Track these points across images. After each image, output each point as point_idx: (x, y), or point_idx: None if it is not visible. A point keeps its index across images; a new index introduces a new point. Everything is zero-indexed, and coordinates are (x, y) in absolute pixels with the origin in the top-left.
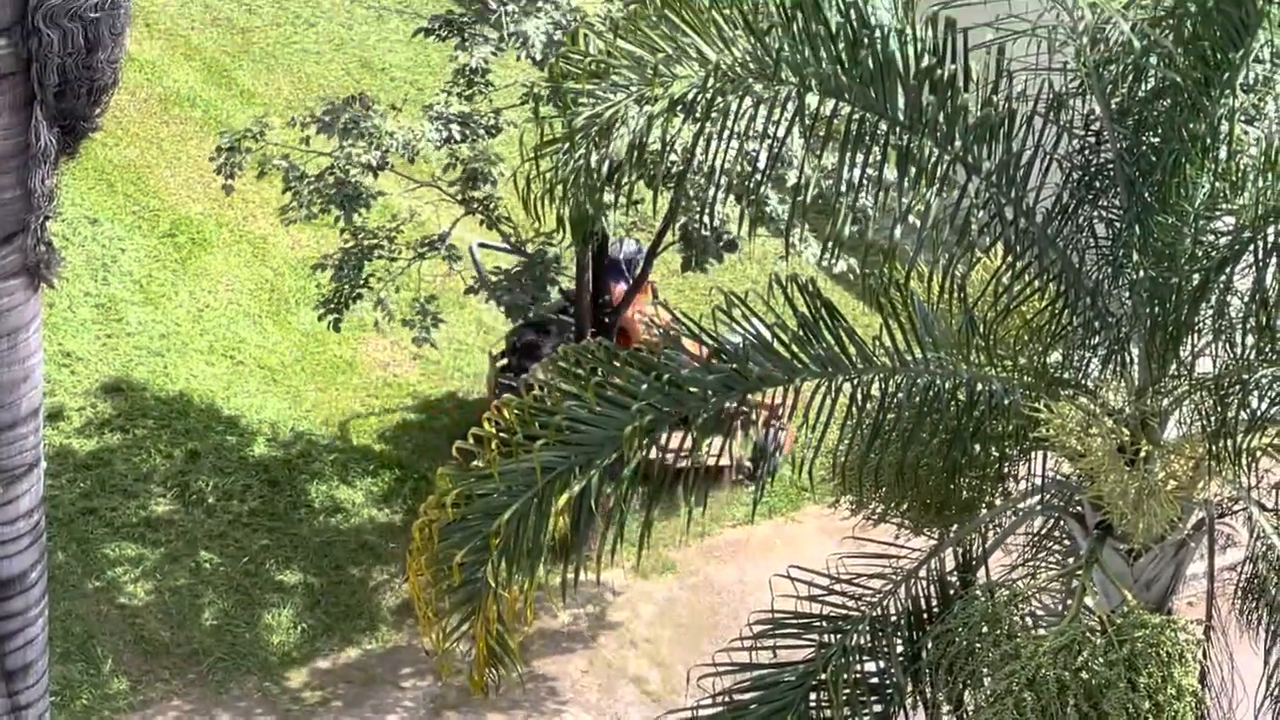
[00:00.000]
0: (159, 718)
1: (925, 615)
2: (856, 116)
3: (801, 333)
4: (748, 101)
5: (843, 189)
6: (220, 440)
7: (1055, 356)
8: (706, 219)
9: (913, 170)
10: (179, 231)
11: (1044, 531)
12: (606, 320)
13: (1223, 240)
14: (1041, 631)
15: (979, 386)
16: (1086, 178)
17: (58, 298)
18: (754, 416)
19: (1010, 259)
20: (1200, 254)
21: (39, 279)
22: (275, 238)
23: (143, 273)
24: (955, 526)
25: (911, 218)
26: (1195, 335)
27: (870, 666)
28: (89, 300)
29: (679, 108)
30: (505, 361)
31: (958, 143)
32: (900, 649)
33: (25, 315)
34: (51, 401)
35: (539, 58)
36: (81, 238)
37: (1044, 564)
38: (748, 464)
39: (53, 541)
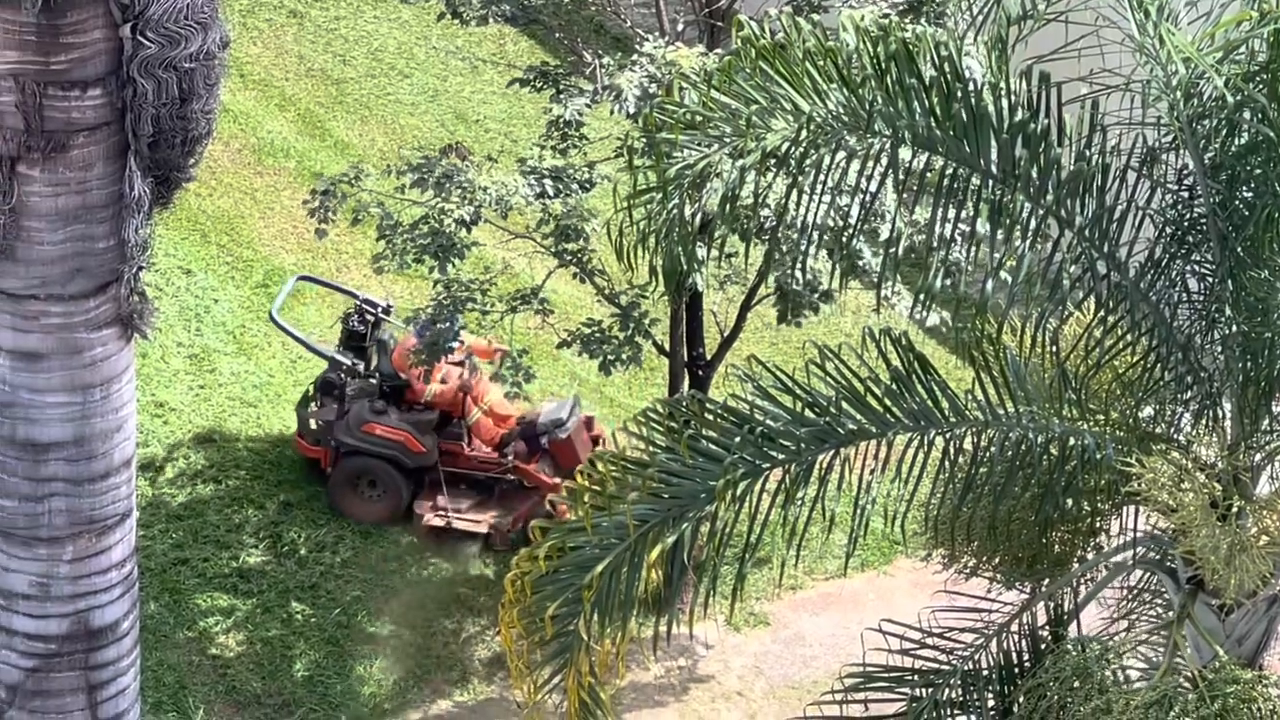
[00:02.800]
0: None
1: (1017, 669)
2: (949, 170)
3: (894, 386)
4: (840, 154)
5: (935, 242)
6: (313, 491)
7: (1147, 411)
8: (799, 272)
9: (1005, 224)
10: (272, 282)
11: (1136, 586)
12: (700, 373)
13: None
14: (1134, 687)
15: (1071, 441)
16: (1179, 232)
17: (151, 348)
18: None
19: (1102, 313)
20: None
21: (132, 329)
22: (368, 289)
23: (236, 323)
24: (1047, 580)
25: (1004, 272)
26: None
27: None
28: (182, 350)
29: (772, 160)
30: (312, 406)
31: (1050, 196)
32: (991, 703)
33: (118, 365)
34: (144, 452)
35: (633, 111)
36: (175, 288)
37: (1136, 619)
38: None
39: (145, 591)
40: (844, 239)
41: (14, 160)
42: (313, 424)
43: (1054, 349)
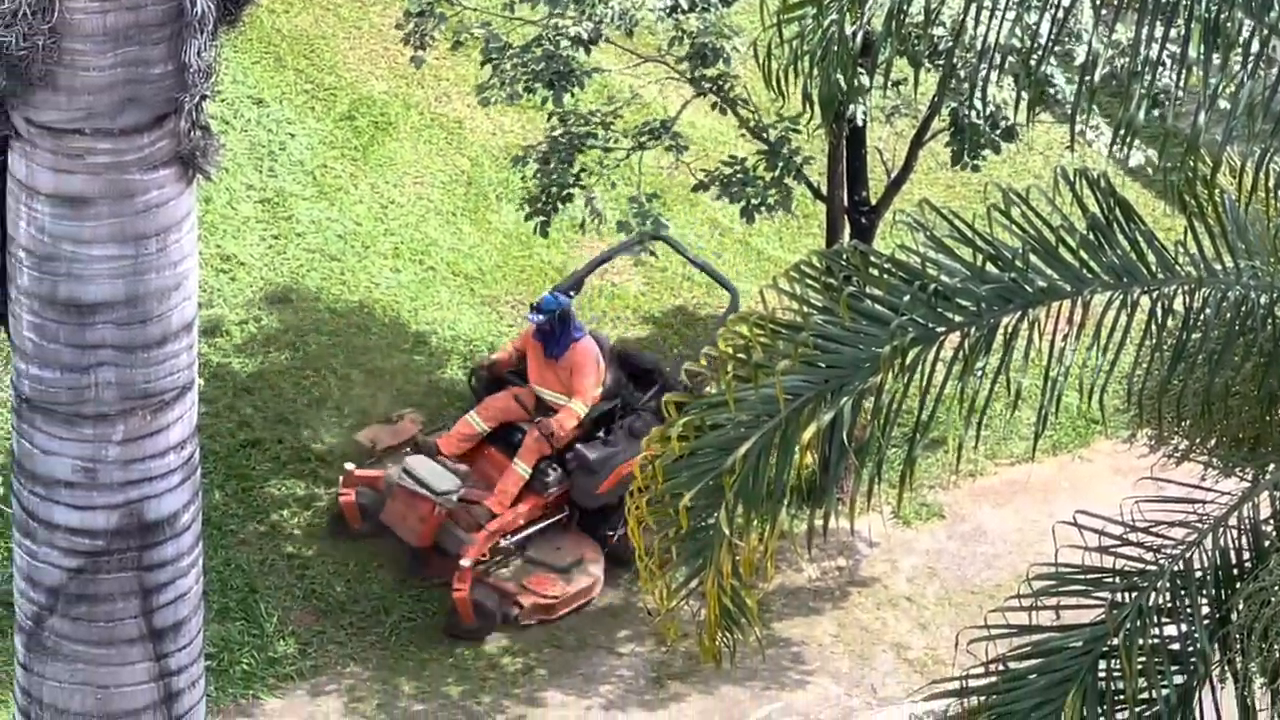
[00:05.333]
0: (332, 686)
1: (1236, 571)
2: None
3: (1091, 236)
4: None
5: (1139, 67)
6: (406, 360)
7: None
8: (979, 103)
9: (1222, 45)
10: (359, 113)
11: None
12: (863, 221)
13: None
14: None
15: None
16: None
17: (216, 191)
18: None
19: None
20: None
21: (193, 169)
22: (472, 122)
23: (316, 162)
24: (1272, 466)
25: (1221, 102)
26: None
27: (1170, 630)
28: (252, 195)
29: None
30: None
31: (1276, 13)
32: (1205, 610)
33: (177, 212)
34: (208, 314)
35: None
36: (244, 121)
37: None
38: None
39: (208, 479)
40: (1032, 63)
41: None
42: None
43: None
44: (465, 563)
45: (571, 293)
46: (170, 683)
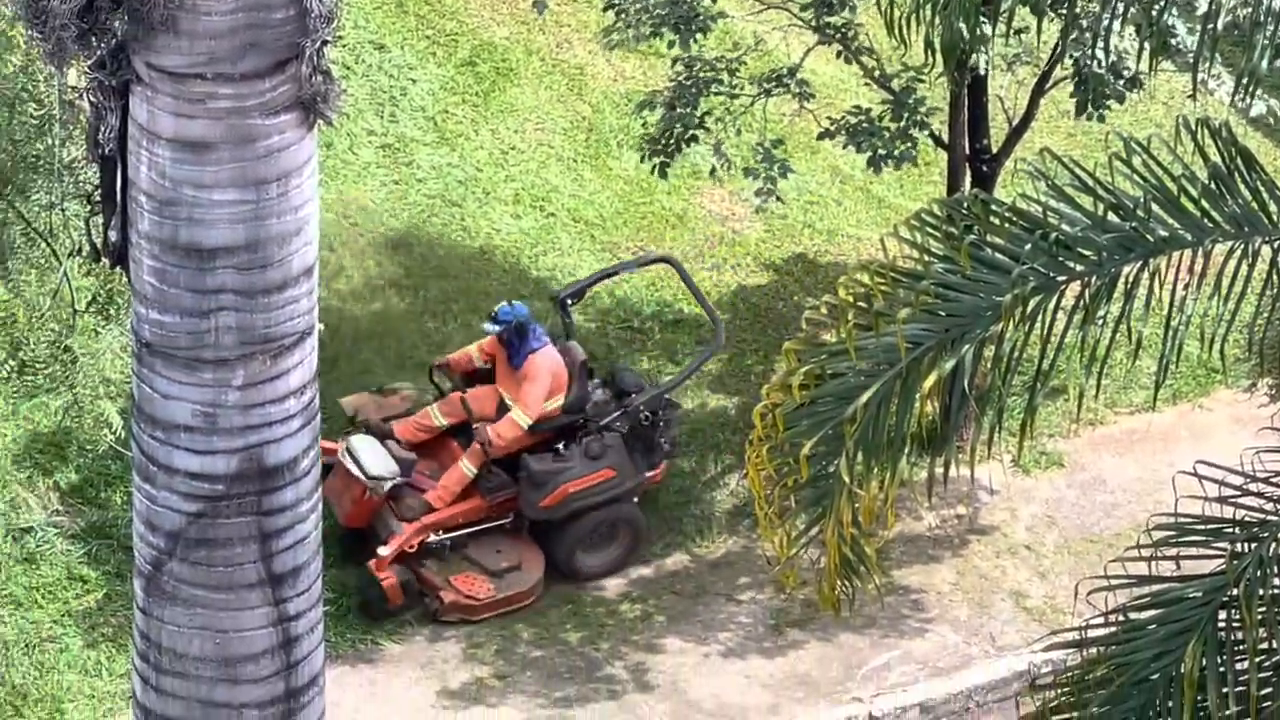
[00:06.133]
0: (450, 633)
1: None
2: None
3: (1213, 186)
4: None
5: (1262, 16)
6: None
7: None
8: (1101, 52)
9: None
10: (480, 59)
11: None
12: (984, 169)
13: None
14: None
15: None
16: None
17: (337, 137)
18: None
19: None
20: None
21: (314, 114)
22: (594, 67)
23: (437, 108)
24: None
25: None
26: None
27: None
28: (373, 140)
29: None
30: None
31: None
32: None
33: (298, 157)
34: (328, 259)
35: None
36: (365, 66)
37: None
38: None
39: (328, 424)
40: (1155, 12)
41: None
42: None
43: None
44: (383, 551)
45: (571, 300)
46: (289, 628)
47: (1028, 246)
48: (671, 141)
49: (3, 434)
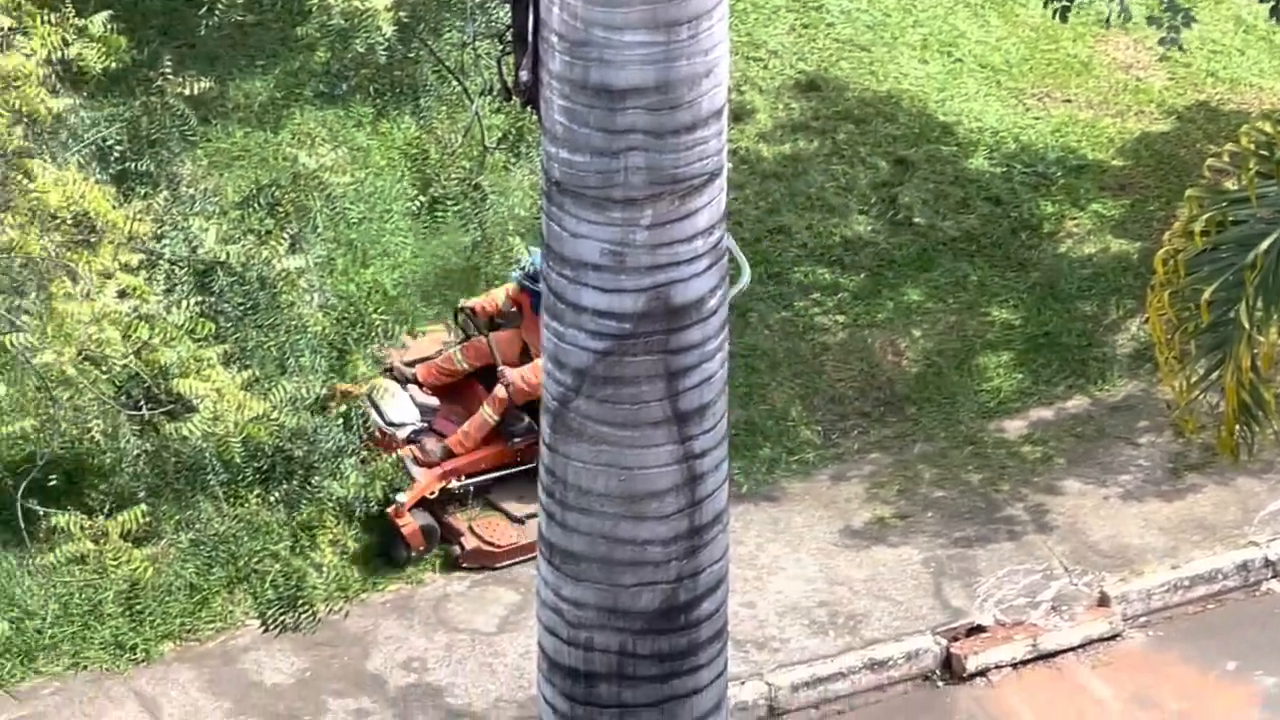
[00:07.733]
0: (853, 473)
1: None
2: None
3: None
4: None
5: None
6: (933, 150)
7: None
8: None
9: None
10: None
11: None
12: None
13: None
14: None
15: None
16: None
17: None
18: None
19: None
20: None
21: None
22: None
23: None
24: None
25: None
26: None
27: None
28: None
29: None
30: None
31: None
32: None
33: (709, 0)
34: (737, 101)
35: None
36: None
37: None
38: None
39: (732, 264)
40: None
41: None
42: None
43: None
44: (401, 498)
45: None
46: (694, 465)
47: None
48: None
49: (413, 270)
